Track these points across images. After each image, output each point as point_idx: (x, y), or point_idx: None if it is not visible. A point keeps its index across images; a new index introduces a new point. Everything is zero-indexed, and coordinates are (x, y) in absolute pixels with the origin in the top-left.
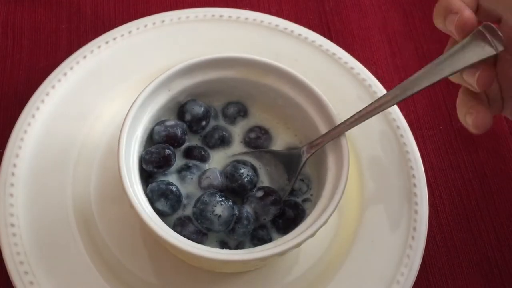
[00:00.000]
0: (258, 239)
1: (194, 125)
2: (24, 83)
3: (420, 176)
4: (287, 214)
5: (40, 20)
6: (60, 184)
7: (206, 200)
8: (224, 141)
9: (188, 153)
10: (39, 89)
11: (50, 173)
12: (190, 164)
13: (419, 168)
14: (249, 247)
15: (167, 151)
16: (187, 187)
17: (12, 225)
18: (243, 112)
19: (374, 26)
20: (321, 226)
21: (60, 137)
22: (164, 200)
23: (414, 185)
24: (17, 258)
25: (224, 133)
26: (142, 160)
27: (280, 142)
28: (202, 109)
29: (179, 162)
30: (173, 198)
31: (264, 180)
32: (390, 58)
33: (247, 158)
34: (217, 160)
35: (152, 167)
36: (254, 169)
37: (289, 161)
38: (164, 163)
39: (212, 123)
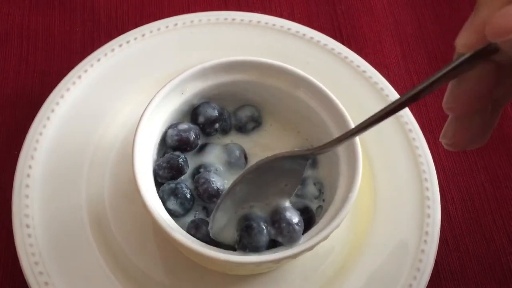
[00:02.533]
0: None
1: (208, 127)
2: (38, 85)
3: (433, 180)
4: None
5: (54, 24)
6: (74, 185)
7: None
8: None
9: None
10: (53, 92)
11: (64, 175)
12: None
13: (431, 171)
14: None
15: (179, 162)
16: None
17: (27, 225)
18: (256, 114)
19: (386, 30)
20: (333, 230)
21: (75, 138)
22: (174, 199)
23: (427, 188)
24: (32, 258)
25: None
26: (155, 175)
27: (289, 146)
28: (216, 111)
29: (192, 165)
30: (182, 196)
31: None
32: (402, 61)
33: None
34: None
35: (166, 180)
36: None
37: (294, 166)
38: (177, 174)
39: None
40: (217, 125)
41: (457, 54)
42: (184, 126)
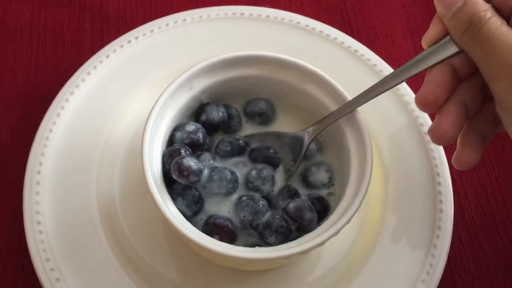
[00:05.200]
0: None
1: (210, 129)
2: (49, 82)
3: (445, 174)
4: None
5: (63, 21)
6: (84, 181)
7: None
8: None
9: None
10: (63, 88)
11: (75, 171)
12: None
13: (443, 165)
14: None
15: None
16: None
17: (39, 222)
18: (267, 108)
19: (396, 22)
20: (344, 225)
21: (85, 135)
22: (182, 199)
23: (439, 183)
24: (44, 255)
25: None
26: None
27: None
28: (221, 114)
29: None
30: (189, 197)
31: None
32: (413, 54)
33: (252, 140)
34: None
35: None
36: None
37: (294, 143)
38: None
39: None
40: (219, 129)
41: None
42: (191, 127)
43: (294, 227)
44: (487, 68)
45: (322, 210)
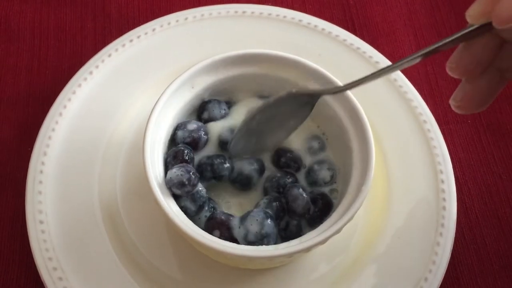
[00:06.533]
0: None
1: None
2: (51, 81)
3: (448, 171)
4: (317, 205)
5: (65, 20)
6: (87, 181)
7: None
8: None
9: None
10: (65, 88)
11: (77, 170)
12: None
13: (446, 163)
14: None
15: (185, 152)
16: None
17: (41, 222)
18: None
19: (399, 20)
20: (346, 223)
21: (87, 134)
22: (187, 197)
23: (442, 180)
24: (46, 254)
25: None
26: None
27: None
28: (223, 112)
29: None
30: (193, 194)
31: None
32: (415, 51)
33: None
34: None
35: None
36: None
37: (301, 104)
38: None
39: None
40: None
41: (470, 23)
42: (193, 125)
43: (285, 207)
44: None
45: (325, 207)
